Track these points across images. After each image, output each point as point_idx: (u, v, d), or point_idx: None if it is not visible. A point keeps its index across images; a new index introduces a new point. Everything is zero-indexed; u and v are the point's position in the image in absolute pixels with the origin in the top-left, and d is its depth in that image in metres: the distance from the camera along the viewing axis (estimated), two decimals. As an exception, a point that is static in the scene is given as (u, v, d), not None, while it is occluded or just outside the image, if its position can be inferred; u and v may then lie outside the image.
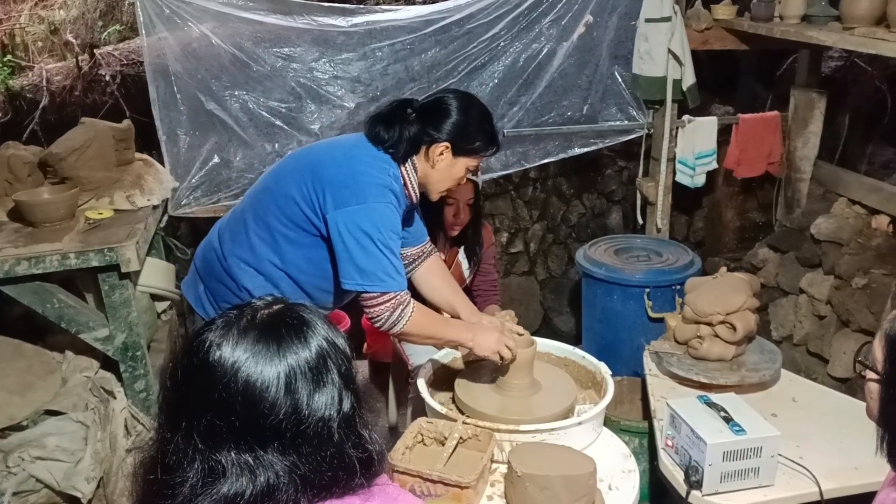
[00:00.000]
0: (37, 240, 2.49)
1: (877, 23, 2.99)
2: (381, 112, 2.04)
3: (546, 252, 4.35)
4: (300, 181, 1.98)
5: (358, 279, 1.90)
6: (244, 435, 0.96)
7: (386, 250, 1.90)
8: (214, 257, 2.13)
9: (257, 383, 0.97)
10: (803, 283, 3.57)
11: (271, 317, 1.04)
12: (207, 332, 1.02)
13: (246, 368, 0.98)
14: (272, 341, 1.00)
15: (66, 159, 2.72)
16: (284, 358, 1.00)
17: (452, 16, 3.45)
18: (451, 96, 2.02)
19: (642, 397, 2.83)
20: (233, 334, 1.00)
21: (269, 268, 2.05)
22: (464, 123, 1.99)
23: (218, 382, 0.97)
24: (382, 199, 1.92)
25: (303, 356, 1.01)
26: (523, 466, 1.68)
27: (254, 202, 2.10)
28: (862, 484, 1.89)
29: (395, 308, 1.91)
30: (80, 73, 3.73)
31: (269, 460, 0.96)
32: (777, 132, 3.88)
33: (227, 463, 0.96)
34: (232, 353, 0.98)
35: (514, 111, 3.66)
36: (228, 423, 0.96)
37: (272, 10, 3.33)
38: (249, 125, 3.40)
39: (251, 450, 0.96)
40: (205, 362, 0.98)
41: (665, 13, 3.45)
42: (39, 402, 2.47)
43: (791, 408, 2.27)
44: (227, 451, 0.96)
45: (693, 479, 1.87)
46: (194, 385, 0.99)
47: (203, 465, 0.96)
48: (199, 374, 0.99)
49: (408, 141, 1.98)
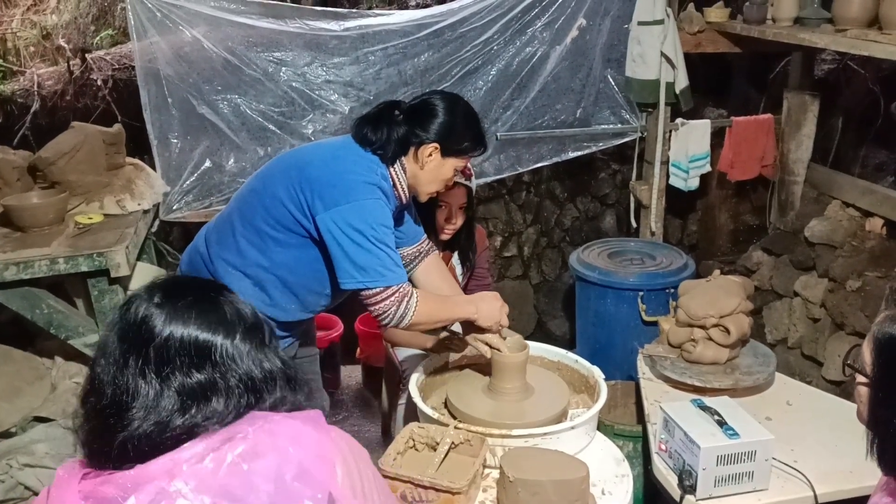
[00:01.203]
0: (25, 244, 2.48)
1: (869, 24, 2.99)
2: (369, 114, 2.03)
3: (540, 256, 4.35)
4: (287, 182, 1.96)
5: (358, 277, 1.88)
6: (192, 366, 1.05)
7: (382, 245, 1.89)
8: (200, 261, 2.11)
9: (181, 332, 1.06)
10: (797, 285, 3.57)
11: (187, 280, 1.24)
12: (133, 300, 1.10)
13: (168, 321, 1.07)
14: (190, 299, 1.10)
15: (56, 163, 2.71)
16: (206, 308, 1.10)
17: (445, 20, 3.45)
18: (438, 97, 2.02)
19: (636, 401, 2.82)
20: (156, 295, 1.09)
21: (256, 270, 2.03)
22: (451, 124, 1.99)
23: (149, 331, 1.06)
24: (371, 196, 1.91)
25: (223, 306, 1.11)
26: (515, 471, 1.66)
27: (241, 204, 2.09)
28: (856, 487, 1.88)
29: (401, 301, 1.89)
30: (71, 77, 3.72)
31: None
32: (770, 135, 3.88)
33: (179, 389, 1.04)
34: (157, 308, 1.08)
35: (507, 115, 3.66)
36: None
37: (264, 14, 3.33)
38: (241, 129, 3.40)
39: (188, 378, 1.05)
40: (137, 318, 1.07)
41: (657, 16, 3.46)
42: (28, 408, 2.46)
43: (785, 411, 2.26)
44: (178, 383, 1.04)
45: (687, 484, 1.86)
46: (132, 337, 1.06)
47: (156, 396, 1.03)
48: (135, 328, 1.07)
49: (396, 142, 1.98)
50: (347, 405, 3.67)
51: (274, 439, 1.03)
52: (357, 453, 1.16)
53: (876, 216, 3.41)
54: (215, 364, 1.06)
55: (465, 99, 2.09)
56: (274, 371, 1.11)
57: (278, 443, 1.03)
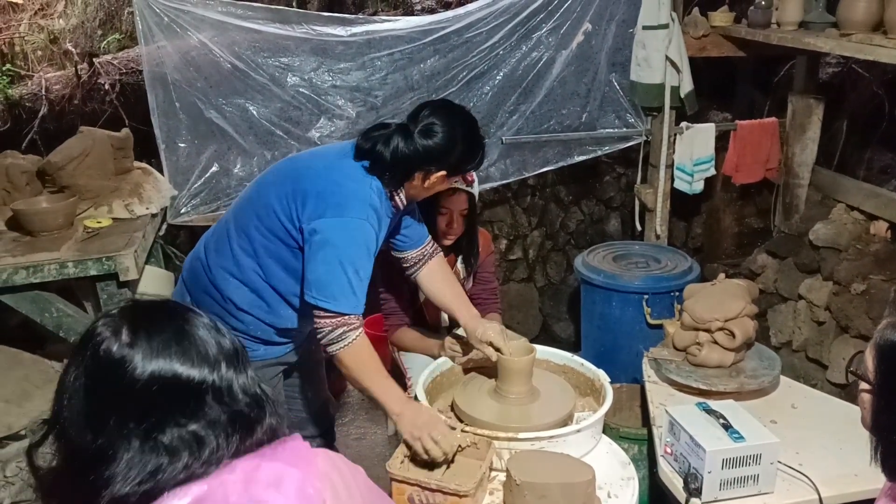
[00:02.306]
0: (35, 249, 2.50)
1: (874, 29, 3.00)
2: (377, 136, 1.97)
3: (545, 259, 4.36)
4: (280, 192, 1.95)
5: (313, 291, 1.87)
6: (176, 415, 0.99)
7: (349, 269, 1.85)
8: (200, 268, 2.10)
9: (163, 371, 0.99)
10: (802, 289, 3.58)
11: (152, 308, 1.11)
12: (97, 338, 1.02)
13: (148, 360, 0.99)
14: (166, 331, 1.03)
15: (65, 168, 2.72)
16: (184, 340, 1.03)
17: (451, 25, 3.46)
18: (443, 122, 1.94)
19: (641, 404, 2.83)
20: (124, 330, 1.02)
21: (253, 278, 2.02)
22: (458, 150, 1.96)
23: (126, 376, 0.98)
24: (360, 216, 1.88)
25: (199, 334, 1.05)
26: (522, 474, 1.68)
27: (237, 213, 2.08)
28: (861, 491, 1.88)
29: (339, 327, 1.86)
30: (79, 81, 3.74)
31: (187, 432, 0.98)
32: (775, 138, 3.88)
33: (168, 440, 0.98)
34: (131, 349, 1.00)
35: (513, 119, 3.67)
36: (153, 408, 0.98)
37: (271, 19, 3.34)
38: (249, 133, 3.41)
39: (177, 426, 0.98)
40: (110, 361, 0.99)
41: (662, 20, 3.47)
42: (37, 411, 2.47)
43: (790, 414, 2.26)
44: (166, 432, 0.98)
45: (692, 487, 1.86)
46: (105, 385, 0.99)
47: (140, 450, 0.97)
48: (108, 372, 0.99)
49: (402, 171, 1.95)
50: (353, 408, 3.68)
51: (257, 488, 0.99)
52: (349, 474, 1.13)
53: (881, 219, 3.42)
54: (206, 403, 1.00)
55: (467, 113, 2.04)
56: (259, 397, 1.06)
57: (262, 496, 0.99)
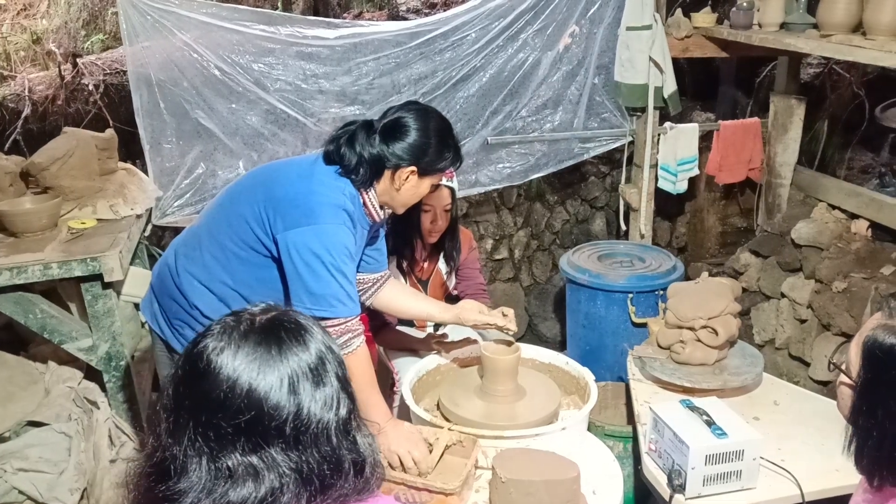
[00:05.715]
0: (19, 250, 2.48)
1: (853, 30, 3.04)
2: (340, 135, 1.95)
3: (530, 258, 4.38)
4: (252, 200, 1.93)
5: (307, 303, 1.84)
6: (249, 437, 0.98)
7: (337, 274, 1.84)
8: (168, 274, 2.07)
9: (260, 387, 0.99)
10: (784, 287, 3.61)
11: (269, 321, 1.06)
12: (206, 338, 1.03)
13: (248, 373, 0.99)
14: (273, 345, 1.02)
15: (49, 169, 2.71)
16: (286, 360, 1.01)
17: (438, 28, 3.45)
18: (411, 116, 1.94)
19: (626, 402, 2.85)
20: (233, 339, 1.01)
21: (220, 287, 2.00)
22: (427, 145, 1.93)
23: (221, 388, 0.98)
24: (334, 221, 1.86)
25: (304, 359, 1.03)
26: (507, 472, 1.69)
27: (209, 220, 2.06)
28: (842, 486, 1.90)
29: (344, 334, 1.86)
30: (62, 82, 3.72)
31: (272, 461, 0.98)
32: (757, 138, 3.92)
33: (234, 465, 0.97)
34: (233, 359, 1.00)
35: (498, 120, 3.67)
36: (234, 426, 0.97)
37: (256, 20, 3.32)
38: (235, 134, 3.38)
39: (255, 451, 0.98)
40: (207, 369, 1.00)
41: (646, 21, 3.49)
42: (22, 413, 2.46)
43: (773, 411, 2.29)
44: (232, 454, 0.97)
45: (676, 483, 1.88)
46: (197, 392, 1.00)
47: (209, 469, 0.97)
48: (201, 381, 1.00)
49: (369, 167, 1.92)
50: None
51: None
52: None
53: (861, 218, 3.46)
54: (313, 438, 1.00)
55: (437, 112, 2.03)
56: (359, 458, 1.04)
57: None
